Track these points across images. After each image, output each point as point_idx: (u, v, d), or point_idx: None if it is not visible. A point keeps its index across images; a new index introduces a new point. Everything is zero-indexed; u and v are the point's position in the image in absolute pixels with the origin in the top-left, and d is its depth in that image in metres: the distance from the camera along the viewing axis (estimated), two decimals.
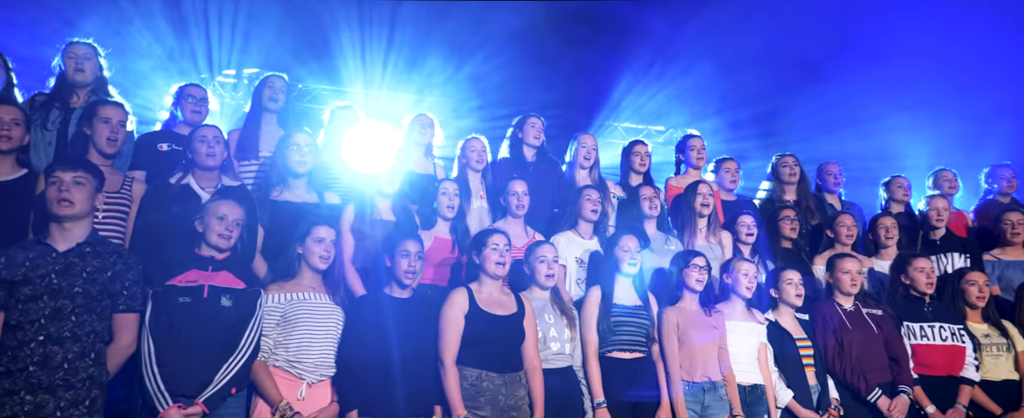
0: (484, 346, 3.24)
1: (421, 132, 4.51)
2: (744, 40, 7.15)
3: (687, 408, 3.62)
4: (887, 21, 6.96)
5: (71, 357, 2.65)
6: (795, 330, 4.03)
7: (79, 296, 2.69)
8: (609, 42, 7.75)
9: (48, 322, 2.63)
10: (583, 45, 7.57)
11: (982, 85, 6.81)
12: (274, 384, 2.99)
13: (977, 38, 6.77)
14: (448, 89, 7.57)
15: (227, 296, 2.92)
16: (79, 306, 2.69)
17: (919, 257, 4.27)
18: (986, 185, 5.57)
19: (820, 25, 6.98)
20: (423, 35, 7.11)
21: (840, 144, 6.78)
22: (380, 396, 3.09)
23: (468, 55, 7.05)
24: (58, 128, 3.56)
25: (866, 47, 7.00)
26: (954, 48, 6.83)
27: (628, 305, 3.72)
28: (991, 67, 6.81)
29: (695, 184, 4.48)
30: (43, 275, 2.67)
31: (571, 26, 7.26)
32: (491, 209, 4.38)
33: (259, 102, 4.18)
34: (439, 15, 6.85)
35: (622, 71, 8.06)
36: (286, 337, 3.06)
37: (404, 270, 3.24)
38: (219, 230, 2.97)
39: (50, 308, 2.64)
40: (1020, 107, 6.68)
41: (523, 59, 7.13)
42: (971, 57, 6.84)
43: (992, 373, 4.12)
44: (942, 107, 6.90)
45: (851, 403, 3.92)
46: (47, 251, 2.71)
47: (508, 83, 7.29)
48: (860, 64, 7.03)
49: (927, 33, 6.85)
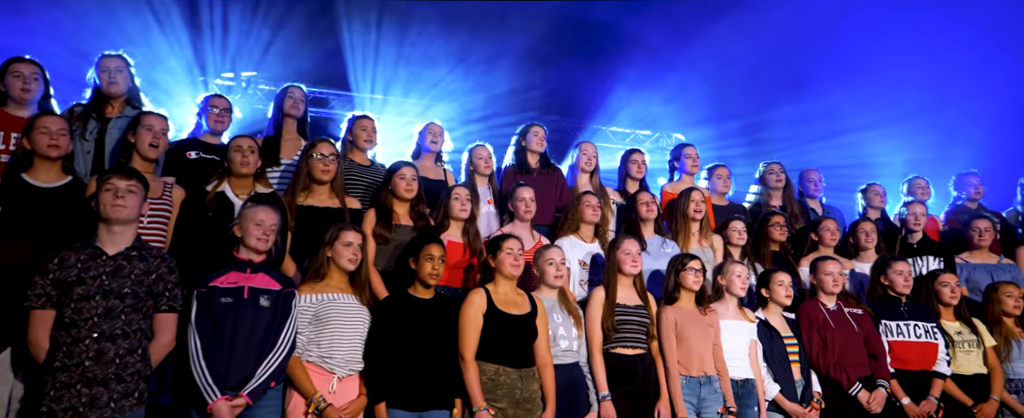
0: (501, 343, 3.46)
1: (432, 140, 4.73)
2: (732, 54, 7.46)
3: (684, 401, 3.87)
4: (864, 40, 7.31)
5: (122, 353, 2.84)
6: (782, 328, 4.28)
7: (128, 296, 2.88)
8: (604, 53, 8.01)
9: (101, 320, 2.82)
10: (579, 55, 7.82)
11: (951, 100, 7.20)
12: (308, 378, 3.19)
13: (946, 57, 7.14)
14: (449, 95, 7.79)
15: (265, 296, 3.12)
16: (128, 306, 2.88)
17: (898, 260, 4.56)
18: (954, 192, 5.92)
19: (802, 42, 7.31)
20: (429, 45, 7.33)
21: (821, 153, 7.10)
22: (406, 389, 3.30)
23: (472, 65, 7.28)
24: (95, 138, 3.73)
25: (844, 64, 7.35)
26: (925, 66, 7.20)
27: (629, 305, 3.95)
28: (958, 83, 7.18)
29: (688, 191, 4.74)
30: (95, 276, 2.85)
31: (569, 38, 7.52)
32: (498, 213, 4.62)
33: (280, 111, 4.38)
34: (446, 27, 7.08)
35: (615, 80, 8.34)
36: (318, 334, 3.27)
37: (428, 272, 3.46)
38: (257, 234, 3.17)
39: (102, 307, 2.83)
40: (985, 119, 7.06)
41: (522, 69, 7.37)
42: (941, 74, 7.21)
43: (964, 368, 4.38)
44: (914, 119, 7.26)
45: (833, 396, 4.14)
46: (97, 254, 2.90)
47: (507, 90, 7.52)
48: (839, 79, 7.38)
49: (900, 52, 7.23)
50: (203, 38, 8.02)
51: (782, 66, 7.48)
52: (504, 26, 7.38)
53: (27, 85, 3.64)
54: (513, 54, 7.44)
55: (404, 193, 3.99)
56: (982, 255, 5.16)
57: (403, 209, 4.02)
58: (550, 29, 7.70)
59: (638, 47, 8.07)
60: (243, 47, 8.29)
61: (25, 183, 3.28)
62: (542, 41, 7.51)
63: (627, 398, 3.77)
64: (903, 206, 5.37)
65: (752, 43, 7.41)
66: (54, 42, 6.17)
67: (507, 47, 7.40)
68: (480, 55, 7.35)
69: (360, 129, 4.49)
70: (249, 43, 8.30)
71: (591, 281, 4.39)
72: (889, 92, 7.32)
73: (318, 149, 3.87)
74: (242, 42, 8.25)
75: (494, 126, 7.66)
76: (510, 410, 3.40)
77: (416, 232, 3.92)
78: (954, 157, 6.60)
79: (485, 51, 7.36)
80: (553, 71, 7.88)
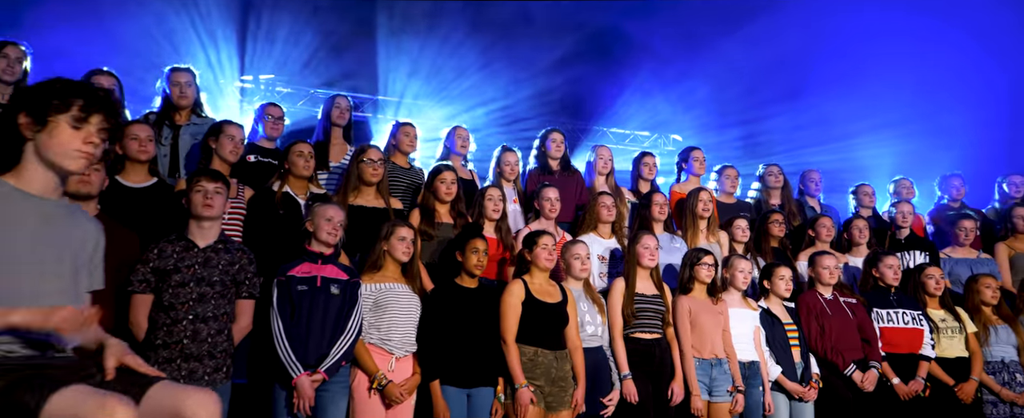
0: (538, 328, 3.84)
1: (462, 144, 5.14)
2: (729, 61, 7.89)
3: (697, 380, 4.29)
4: (855, 50, 7.75)
5: (213, 333, 3.24)
6: (783, 316, 4.69)
7: (217, 284, 3.27)
8: (609, 59, 8.43)
9: (195, 304, 3.21)
10: (586, 61, 8.24)
11: (935, 105, 7.63)
12: (371, 357, 3.58)
13: (931, 65, 7.58)
14: (455, 100, 8.19)
15: (335, 285, 3.52)
16: (216, 292, 3.27)
17: (888, 255, 4.99)
18: (939, 192, 6.36)
19: (798, 51, 7.76)
20: (442, 52, 7.73)
21: (814, 155, 7.53)
22: (455, 368, 3.71)
23: (488, 71, 7.69)
24: (169, 143, 4.13)
25: (836, 72, 7.80)
26: (911, 75, 7.65)
27: (647, 294, 4.36)
28: (942, 90, 7.60)
29: (697, 191, 5.16)
30: (189, 266, 3.24)
31: (579, 45, 7.94)
32: (523, 212, 5.03)
33: (328, 118, 4.77)
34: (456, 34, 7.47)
35: (617, 84, 8.76)
36: (378, 319, 3.66)
37: (474, 264, 3.86)
38: (328, 229, 3.56)
39: (196, 293, 3.22)
40: (967, 122, 7.52)
41: (534, 74, 7.79)
42: (926, 81, 7.65)
43: (948, 351, 4.77)
44: (901, 124, 7.70)
45: (830, 377, 4.54)
46: (190, 246, 3.29)
47: (523, 95, 7.94)
48: (831, 86, 7.83)
49: (889, 61, 7.69)
50: (218, 42, 8.35)
51: (778, 73, 7.92)
52: (517, 34, 7.79)
53: None
54: (527, 61, 7.85)
55: (445, 196, 4.39)
56: (964, 250, 5.59)
57: (444, 208, 4.41)
58: (559, 37, 8.12)
59: (638, 53, 8.50)
60: (261, 51, 8.65)
61: (119, 184, 3.68)
62: (552, 48, 7.93)
63: (646, 378, 4.16)
64: (892, 205, 5.83)
65: (749, 51, 7.85)
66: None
67: (521, 54, 7.82)
68: (497, 62, 7.76)
69: (404, 135, 4.88)
70: (266, 47, 8.66)
71: (610, 273, 4.80)
72: (878, 99, 7.77)
73: (368, 154, 4.26)
74: (259, 46, 8.61)
75: (503, 127, 8.08)
76: (546, 387, 3.81)
77: (456, 229, 4.33)
78: (938, 159, 6.99)
79: (499, 57, 7.76)
80: (561, 77, 8.29)
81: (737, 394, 4.30)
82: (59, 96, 1.91)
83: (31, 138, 1.95)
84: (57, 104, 1.90)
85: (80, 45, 6.00)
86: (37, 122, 1.93)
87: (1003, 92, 7.89)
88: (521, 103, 8.16)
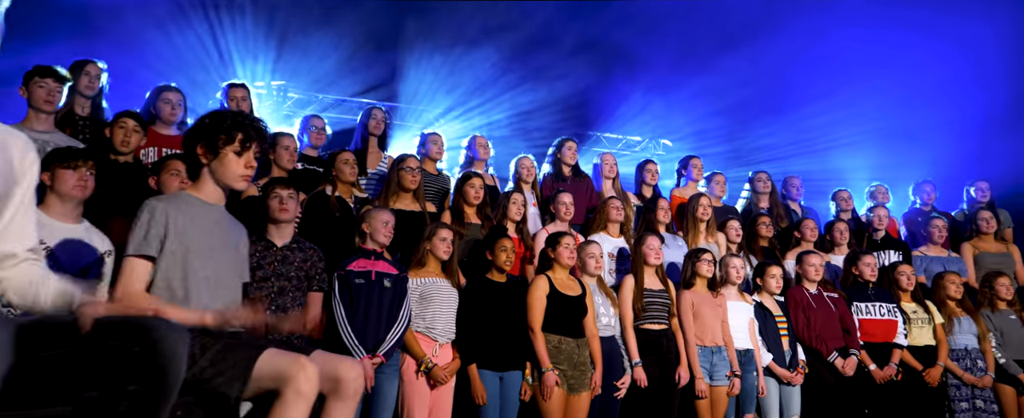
0: (561, 318, 4.33)
1: (483, 151, 5.62)
2: (719, 73, 8.45)
3: (700, 366, 4.78)
4: (836, 66, 8.33)
5: None
6: (774, 309, 5.22)
7: (293, 279, 3.73)
8: (605, 69, 8.96)
9: (276, 296, 3.66)
10: (585, 70, 8.76)
11: (909, 117, 8.25)
12: (418, 344, 4.08)
13: (906, 80, 8.19)
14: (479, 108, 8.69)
15: (388, 279, 3.99)
16: (293, 287, 3.73)
17: (866, 254, 5.54)
18: (912, 197, 6.95)
19: (782, 66, 8.34)
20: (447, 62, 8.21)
21: (796, 161, 8.10)
22: (489, 354, 4.20)
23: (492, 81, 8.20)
24: None
25: (818, 86, 8.38)
26: (888, 88, 8.26)
27: (654, 289, 4.87)
28: (917, 103, 8.21)
29: (697, 196, 5.68)
30: (270, 262, 3.69)
31: (578, 57, 8.47)
32: (539, 214, 5.53)
33: (365, 128, 5.24)
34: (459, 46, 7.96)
35: (612, 92, 9.30)
36: (423, 310, 4.14)
37: (503, 261, 4.34)
38: (384, 231, 4.03)
39: (277, 286, 3.67)
40: (937, 132, 8.10)
41: (537, 85, 8.31)
42: (901, 96, 8.26)
43: (918, 340, 5.30)
44: (878, 134, 8.30)
45: (814, 363, 5.04)
46: (270, 245, 3.75)
47: (528, 106, 8.45)
48: (814, 98, 8.44)
49: (864, 76, 8.30)
50: (231, 48, 8.69)
51: (763, 86, 8.51)
52: (524, 46, 8.31)
53: (174, 110, 4.46)
54: (531, 71, 8.37)
55: (473, 199, 4.87)
56: (935, 249, 6.18)
57: (471, 210, 4.90)
58: (562, 50, 8.65)
59: (635, 65, 9.04)
60: (274, 57, 9.01)
61: None
62: (557, 61, 8.46)
63: (654, 364, 4.65)
64: (869, 209, 6.41)
65: (739, 65, 8.41)
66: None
67: (527, 65, 8.33)
68: (509, 74, 8.26)
69: (433, 144, 5.37)
70: (277, 54, 9.03)
71: (618, 270, 5.31)
72: (856, 110, 8.38)
73: (407, 163, 4.73)
74: (272, 53, 8.97)
75: (510, 133, 8.58)
76: (569, 371, 4.30)
77: (483, 229, 4.81)
78: (911, 166, 7.59)
79: (510, 69, 8.27)
80: (564, 86, 8.81)
81: (734, 378, 4.83)
82: (226, 132, 2.43)
83: (207, 164, 2.50)
84: (224, 138, 2.41)
85: (136, 63, 6.36)
86: (210, 152, 2.47)
87: (977, 103, 8.39)
88: (527, 110, 8.66)
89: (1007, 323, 5.47)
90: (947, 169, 7.58)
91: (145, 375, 1.69)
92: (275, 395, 2.17)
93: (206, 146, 2.47)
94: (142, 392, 1.68)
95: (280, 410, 2.13)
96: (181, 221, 2.43)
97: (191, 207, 2.50)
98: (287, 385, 2.11)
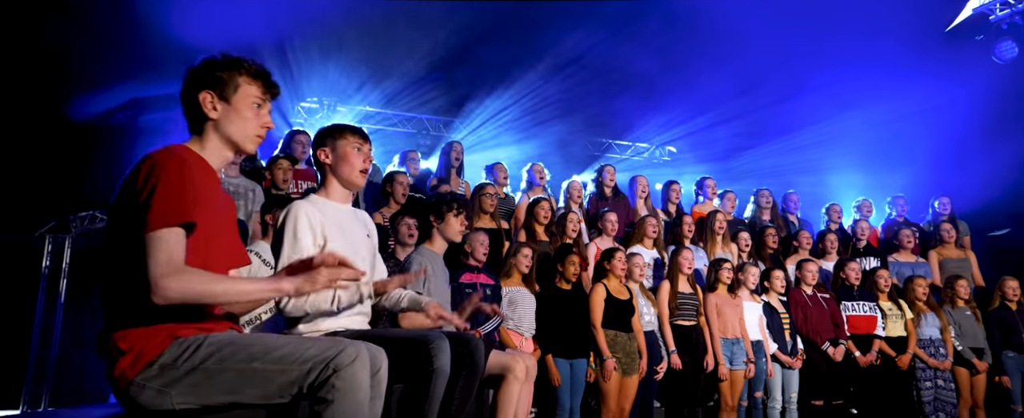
0: (616, 317, 5.46)
1: (540, 177, 6.73)
2: (723, 93, 9.62)
3: (723, 354, 5.94)
4: (825, 92, 9.54)
5: None
6: (778, 307, 6.41)
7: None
8: (617, 85, 10.09)
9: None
10: (598, 85, 9.89)
11: (887, 141, 9.50)
12: (511, 338, 5.20)
13: (887, 107, 9.43)
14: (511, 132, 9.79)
15: (488, 289, 5.11)
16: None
17: (851, 260, 6.74)
18: (888, 209, 8.19)
19: (777, 91, 9.54)
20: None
21: (791, 178, 9.30)
22: (561, 345, 5.32)
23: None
24: None
25: (812, 112, 9.60)
26: (873, 117, 9.50)
27: (685, 292, 6.04)
28: (894, 128, 9.47)
29: (714, 212, 6.84)
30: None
31: (593, 74, 9.60)
32: (586, 229, 6.65)
33: (447, 160, 6.31)
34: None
35: (624, 103, 10.46)
36: (512, 312, 5.23)
37: (571, 272, 5.47)
38: (483, 250, 5.12)
39: None
40: (912, 156, 9.35)
41: (566, 108, 9.45)
42: (885, 122, 9.51)
43: (892, 332, 6.40)
44: (862, 155, 9.56)
45: (811, 351, 6.20)
46: (398, 264, 4.84)
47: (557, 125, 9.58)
48: (807, 123, 9.65)
49: (848, 104, 9.52)
50: (278, 66, 9.66)
51: (763, 108, 9.71)
52: (552, 68, 9.44)
53: (305, 149, 5.53)
54: (556, 91, 9.50)
55: (543, 219, 5.99)
56: (906, 256, 7.42)
57: (540, 229, 6.02)
58: (583, 69, 9.76)
59: (644, 84, 10.20)
60: (322, 76, 10.00)
61: None
62: (582, 82, 9.59)
63: (685, 353, 5.79)
64: (854, 221, 7.62)
65: (741, 86, 9.59)
66: None
67: (556, 86, 9.47)
68: (542, 96, 9.41)
69: (499, 172, 6.46)
70: (322, 71, 10.02)
71: (653, 276, 6.47)
72: (842, 136, 9.63)
73: (487, 190, 5.83)
74: (320, 72, 9.96)
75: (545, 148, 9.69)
76: (623, 358, 5.44)
77: (552, 244, 5.93)
78: (889, 183, 8.77)
79: (541, 91, 9.41)
80: (583, 100, 9.94)
81: (749, 364, 6.02)
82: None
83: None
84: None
85: None
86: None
87: (948, 131, 9.42)
88: (554, 127, 9.80)
89: (964, 318, 6.68)
90: (918, 186, 8.73)
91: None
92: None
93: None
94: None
95: (505, 390, 3.23)
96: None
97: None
98: (509, 372, 3.22)
